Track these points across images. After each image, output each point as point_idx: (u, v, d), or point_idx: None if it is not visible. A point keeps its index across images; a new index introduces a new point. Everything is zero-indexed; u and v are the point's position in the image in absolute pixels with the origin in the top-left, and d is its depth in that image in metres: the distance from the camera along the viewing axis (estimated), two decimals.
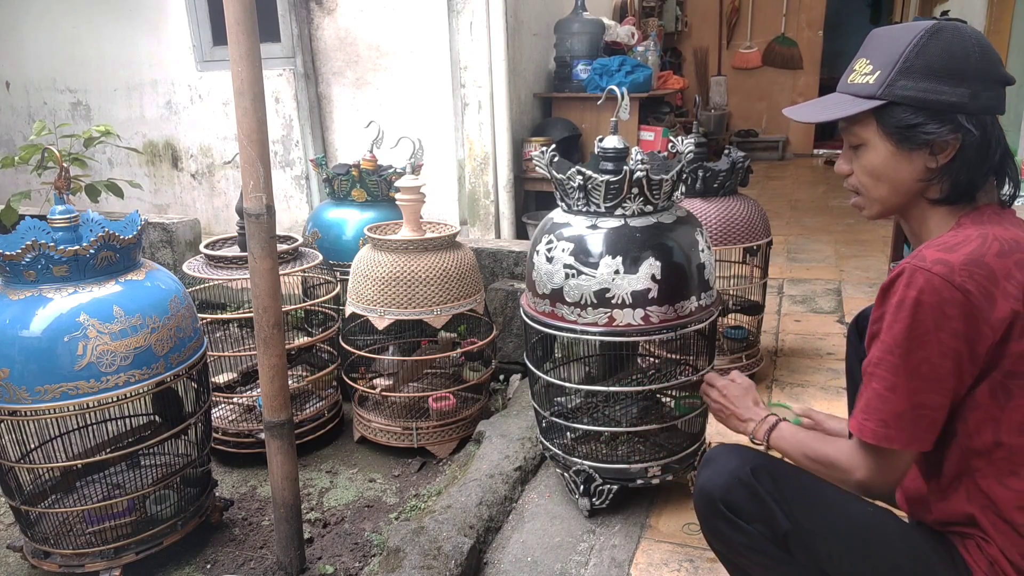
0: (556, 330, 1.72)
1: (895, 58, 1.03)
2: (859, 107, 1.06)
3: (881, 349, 1.03)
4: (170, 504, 1.80)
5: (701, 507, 1.17)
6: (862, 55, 1.10)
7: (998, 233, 1.03)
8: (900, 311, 1.00)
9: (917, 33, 1.02)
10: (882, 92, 1.04)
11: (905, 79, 1.02)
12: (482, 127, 3.62)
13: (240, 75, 1.44)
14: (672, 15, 7.32)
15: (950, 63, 1.01)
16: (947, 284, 0.97)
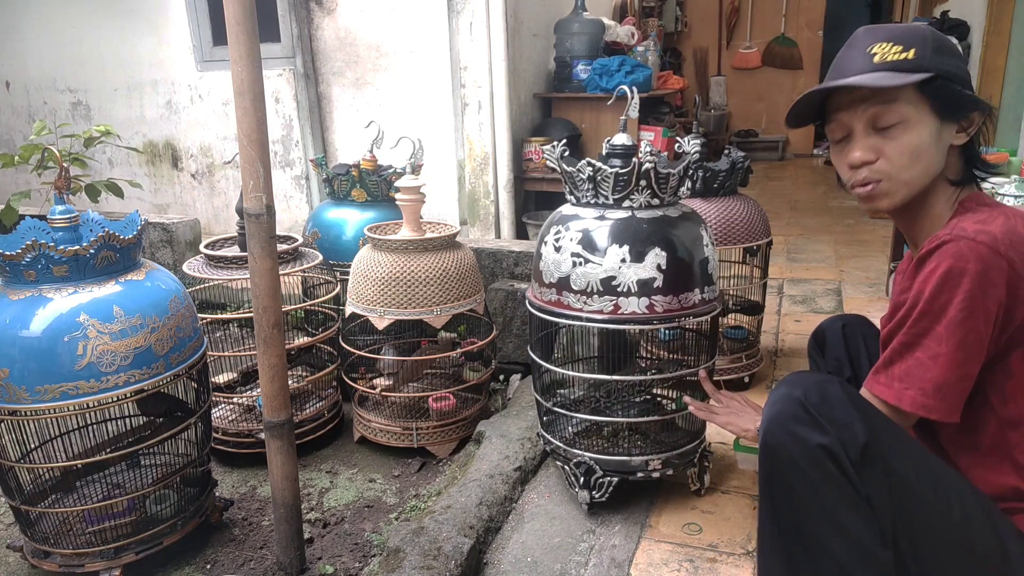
0: (562, 318, 1.75)
1: (925, 37, 1.08)
2: (915, 76, 1.06)
3: (925, 319, 1.03)
4: (170, 504, 1.80)
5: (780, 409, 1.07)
6: (876, 40, 1.10)
7: (1012, 212, 1.07)
8: (948, 281, 1.01)
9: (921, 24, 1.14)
10: (930, 64, 1.06)
11: (941, 55, 1.07)
12: (482, 127, 3.62)
13: (240, 75, 1.44)
14: (672, 15, 7.33)
15: (955, 48, 1.10)
16: (993, 252, 1.00)
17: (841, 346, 1.52)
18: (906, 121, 1.09)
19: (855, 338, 1.51)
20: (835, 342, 1.53)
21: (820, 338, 1.56)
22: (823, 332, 1.56)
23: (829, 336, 1.54)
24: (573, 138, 3.90)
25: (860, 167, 1.13)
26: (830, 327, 1.55)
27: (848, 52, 1.13)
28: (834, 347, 1.53)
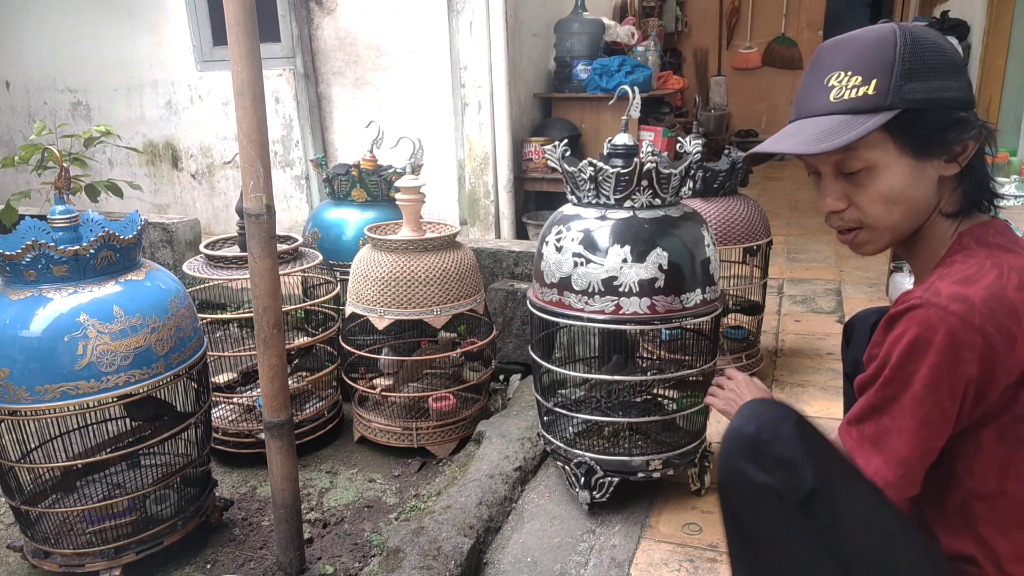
0: (563, 318, 1.75)
1: (889, 60, 0.91)
2: (873, 122, 0.91)
3: (892, 385, 0.93)
4: (170, 504, 1.80)
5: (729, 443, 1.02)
6: (833, 68, 0.95)
7: (1013, 262, 0.93)
8: (914, 351, 0.90)
9: (892, 33, 0.92)
10: (892, 100, 0.91)
11: (912, 81, 0.91)
12: (482, 127, 3.61)
13: (240, 75, 1.44)
14: (672, 15, 7.33)
15: (945, 56, 0.92)
16: (966, 325, 0.87)
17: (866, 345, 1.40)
18: (873, 167, 0.95)
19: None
20: (861, 340, 1.37)
21: (849, 331, 1.41)
22: (852, 326, 1.41)
23: (857, 331, 1.39)
24: (573, 138, 3.90)
25: (833, 214, 1.02)
26: (860, 322, 1.39)
27: (810, 79, 0.99)
28: (858, 345, 1.38)
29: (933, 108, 0.92)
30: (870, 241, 1.02)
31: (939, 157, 0.94)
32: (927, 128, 0.92)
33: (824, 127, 0.94)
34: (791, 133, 0.98)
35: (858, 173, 0.96)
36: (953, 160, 0.95)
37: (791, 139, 0.96)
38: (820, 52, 0.99)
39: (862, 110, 0.93)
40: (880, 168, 0.95)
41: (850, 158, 0.95)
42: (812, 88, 0.97)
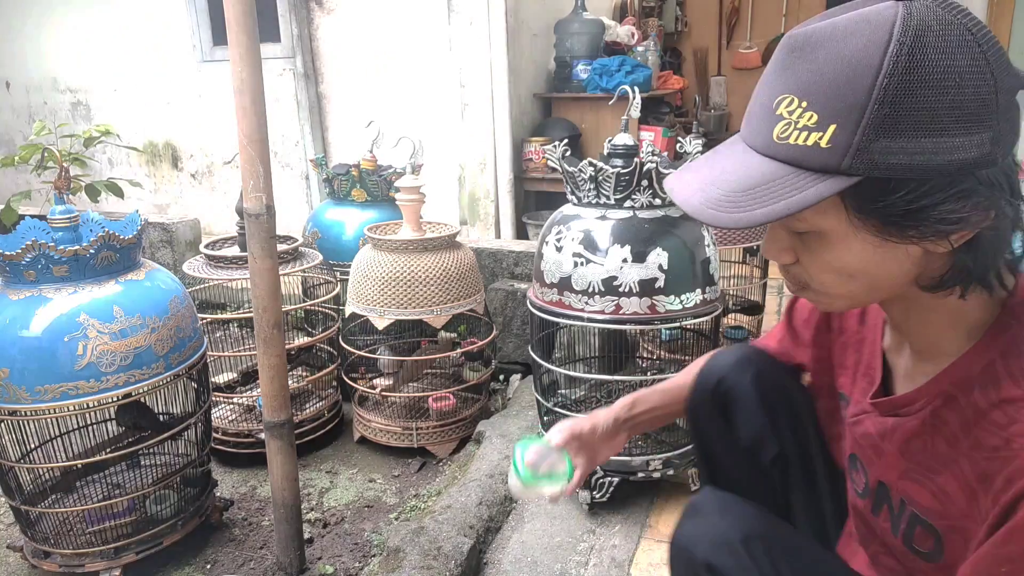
0: (563, 318, 1.75)
1: (860, 99, 0.60)
2: (815, 192, 0.63)
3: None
4: (170, 504, 1.80)
5: (679, 565, 0.90)
6: (788, 88, 0.66)
7: None
8: None
9: (885, 45, 0.59)
10: (851, 163, 0.62)
11: (887, 137, 0.60)
12: (482, 127, 3.61)
13: (240, 75, 1.44)
14: (672, 15, 7.32)
15: (959, 94, 0.59)
16: None
17: (757, 408, 1.06)
18: (823, 234, 0.69)
19: (774, 393, 1.07)
20: (748, 403, 1.07)
21: (723, 396, 1.08)
22: (727, 389, 1.07)
23: (738, 394, 1.07)
24: (573, 138, 3.89)
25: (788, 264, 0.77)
26: (736, 380, 1.07)
27: (763, 88, 0.69)
28: (748, 410, 1.07)
29: (919, 178, 0.62)
30: (823, 303, 0.78)
31: (918, 240, 0.66)
32: (900, 206, 0.63)
33: (753, 179, 0.66)
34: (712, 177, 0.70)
35: (806, 235, 0.71)
36: (944, 239, 0.66)
37: (706, 190, 0.69)
38: (785, 48, 0.67)
39: (808, 166, 0.64)
40: (831, 239, 0.69)
41: (793, 219, 0.68)
42: (760, 106, 0.69)
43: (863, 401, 0.90)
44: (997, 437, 0.69)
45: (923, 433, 0.79)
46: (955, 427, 0.75)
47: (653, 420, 1.20)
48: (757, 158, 0.67)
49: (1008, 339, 0.71)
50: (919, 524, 0.81)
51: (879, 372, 0.88)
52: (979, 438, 0.72)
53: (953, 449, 0.75)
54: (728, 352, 1.12)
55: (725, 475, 1.15)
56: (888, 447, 0.84)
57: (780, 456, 1.07)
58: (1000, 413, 0.69)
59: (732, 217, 0.66)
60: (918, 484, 0.80)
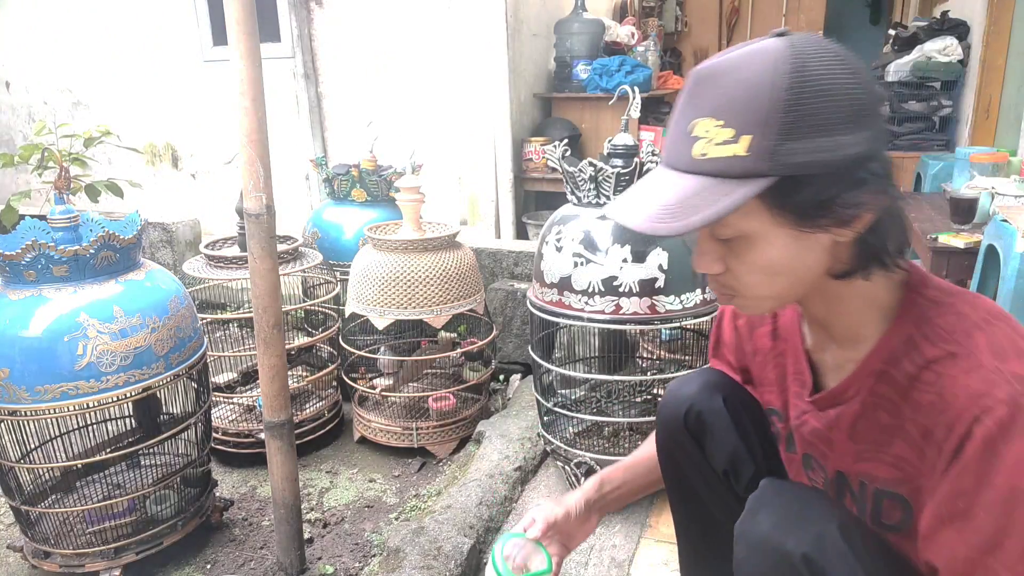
0: (563, 318, 1.75)
1: (765, 112, 0.71)
2: (740, 194, 0.72)
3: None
4: (170, 504, 1.80)
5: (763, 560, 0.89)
6: (700, 112, 0.75)
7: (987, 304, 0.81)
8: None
9: (774, 67, 0.71)
10: (768, 166, 0.72)
11: (792, 140, 0.71)
12: (482, 127, 3.61)
13: (240, 75, 1.44)
14: (672, 15, 7.32)
15: (841, 101, 0.72)
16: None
17: (731, 430, 1.09)
18: (747, 236, 0.77)
19: (743, 414, 1.10)
20: (721, 427, 1.10)
21: (695, 423, 1.12)
22: (698, 415, 1.11)
23: (710, 418, 1.10)
24: (573, 138, 3.90)
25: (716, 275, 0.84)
26: (706, 407, 1.11)
27: (678, 118, 0.79)
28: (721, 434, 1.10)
29: (824, 172, 0.73)
30: (750, 307, 0.87)
31: (829, 227, 0.76)
32: (810, 197, 0.74)
33: (683, 193, 0.75)
34: (648, 197, 0.79)
35: (733, 240, 0.79)
36: (847, 227, 0.76)
37: (645, 208, 0.78)
38: (692, 81, 0.78)
39: (729, 175, 0.73)
40: (755, 239, 0.77)
41: (720, 225, 0.77)
42: (678, 131, 0.78)
43: (802, 403, 0.96)
44: (930, 394, 0.78)
45: (865, 413, 0.86)
46: (893, 398, 0.83)
47: (622, 497, 1.23)
48: (684, 176, 0.77)
49: (918, 312, 0.82)
50: (885, 497, 0.87)
51: (809, 374, 0.95)
52: (916, 400, 0.80)
53: (896, 418, 0.83)
54: (688, 380, 1.16)
55: (700, 504, 1.16)
56: (837, 436, 0.91)
57: (756, 476, 1.07)
58: (929, 373, 0.79)
59: (671, 226, 0.74)
60: (874, 461, 0.87)
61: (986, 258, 2.20)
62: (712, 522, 1.16)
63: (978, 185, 2.52)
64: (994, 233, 2.09)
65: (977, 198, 2.42)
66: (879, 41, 6.93)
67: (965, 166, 2.83)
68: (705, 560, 1.23)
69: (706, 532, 1.19)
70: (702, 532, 1.20)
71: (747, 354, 1.10)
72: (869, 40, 8.17)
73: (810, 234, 0.77)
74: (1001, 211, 2.16)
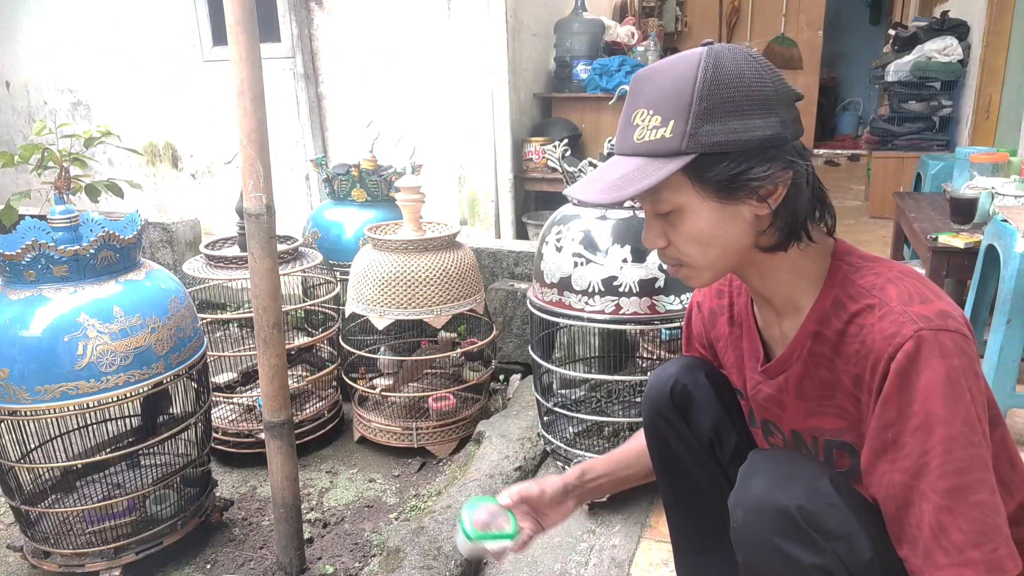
0: (563, 318, 1.75)
1: (686, 101, 0.85)
2: (666, 169, 0.85)
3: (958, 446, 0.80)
4: (170, 504, 1.80)
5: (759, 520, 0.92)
6: (638, 105, 0.89)
7: (904, 268, 0.92)
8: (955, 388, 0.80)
9: (696, 66, 0.86)
10: (688, 145, 0.85)
11: (709, 123, 0.84)
12: (482, 127, 3.61)
13: (240, 75, 1.44)
14: (672, 15, 7.32)
15: (750, 91, 0.85)
16: (967, 339, 0.83)
17: (714, 401, 1.16)
18: (679, 209, 0.90)
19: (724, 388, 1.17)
20: (705, 397, 1.16)
21: (680, 395, 1.17)
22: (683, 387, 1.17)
23: (694, 390, 1.16)
24: (573, 138, 3.90)
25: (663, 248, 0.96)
26: (690, 380, 1.17)
27: (624, 112, 0.93)
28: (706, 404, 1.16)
29: (735, 150, 0.85)
30: (692, 276, 0.97)
31: (747, 199, 0.88)
32: (725, 172, 0.86)
33: (625, 171, 0.89)
34: (599, 177, 0.92)
35: (670, 214, 0.91)
36: (763, 201, 0.88)
37: (595, 185, 0.91)
38: (633, 82, 0.92)
39: (660, 154, 0.87)
40: (686, 211, 0.90)
41: (657, 201, 0.91)
42: (623, 123, 0.92)
43: (756, 375, 1.06)
44: (855, 343, 0.89)
45: (807, 372, 0.97)
46: (828, 354, 0.93)
47: (603, 487, 1.27)
48: (627, 159, 0.91)
49: (842, 276, 0.93)
50: (834, 447, 0.97)
51: (761, 349, 1.06)
52: (845, 352, 0.91)
53: (832, 372, 0.93)
54: (671, 363, 1.23)
55: (688, 479, 1.20)
56: (787, 398, 1.01)
57: (739, 445, 1.16)
58: (853, 326, 0.89)
59: (612, 196, 0.88)
60: (820, 415, 0.97)
61: (986, 258, 2.20)
62: (700, 496, 1.20)
63: (978, 185, 2.52)
64: (994, 233, 2.10)
65: (977, 198, 2.42)
66: (879, 41, 6.93)
67: (965, 166, 2.83)
68: (695, 537, 1.25)
69: (695, 508, 1.22)
70: (691, 509, 1.23)
71: (712, 341, 1.19)
72: (869, 40, 8.18)
73: (731, 206, 0.89)
74: (1001, 211, 2.16)
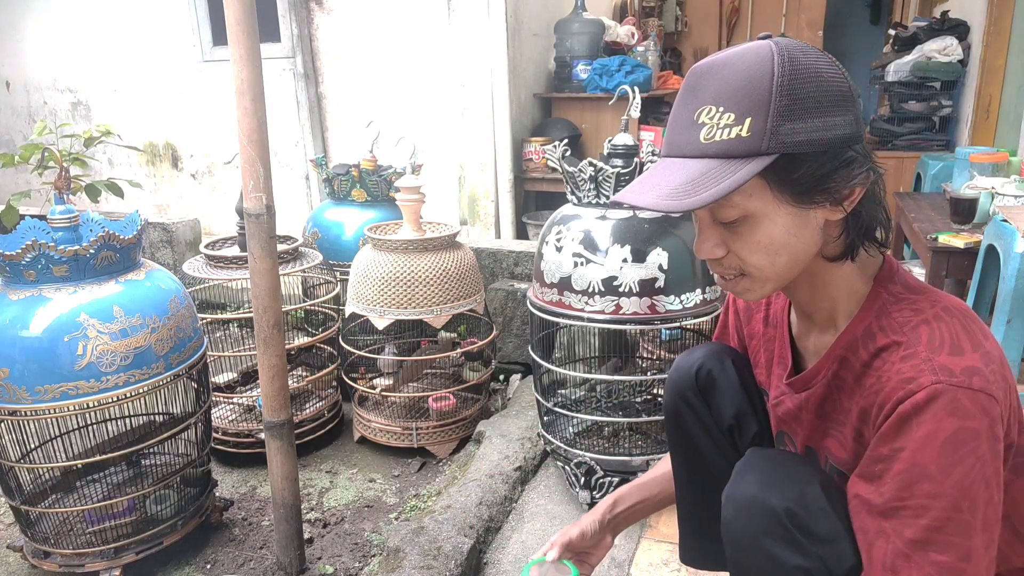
0: (563, 318, 1.75)
1: (764, 97, 0.78)
2: (746, 171, 0.78)
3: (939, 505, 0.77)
4: (170, 504, 1.80)
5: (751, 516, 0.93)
6: (703, 102, 0.82)
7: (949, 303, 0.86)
8: (957, 449, 0.77)
9: (769, 60, 0.79)
10: (769, 144, 0.78)
11: (790, 121, 0.78)
12: (482, 127, 3.61)
13: (240, 75, 1.44)
14: (672, 15, 7.31)
15: (829, 87, 0.80)
16: (992, 400, 0.78)
17: (738, 388, 1.16)
18: (751, 216, 0.83)
19: (748, 378, 1.17)
20: (729, 384, 1.16)
21: (705, 380, 1.17)
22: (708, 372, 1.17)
23: (719, 375, 1.16)
24: (573, 138, 3.90)
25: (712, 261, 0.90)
26: (715, 365, 1.17)
27: (681, 110, 0.85)
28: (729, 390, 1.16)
29: (814, 151, 0.80)
30: (752, 289, 0.90)
31: (823, 203, 0.83)
32: (808, 174, 0.80)
33: (692, 174, 0.80)
34: (656, 181, 0.84)
35: (736, 222, 0.84)
36: (839, 205, 0.84)
37: (655, 190, 0.83)
38: (692, 77, 0.84)
39: (735, 154, 0.79)
40: (758, 217, 0.83)
41: (724, 207, 0.83)
42: (682, 122, 0.84)
43: (781, 385, 1.03)
44: (873, 377, 0.86)
45: (829, 394, 0.94)
46: (850, 382, 0.90)
47: (635, 514, 1.29)
48: (691, 161, 0.82)
49: (880, 305, 0.88)
50: (836, 474, 0.95)
51: (790, 358, 1.03)
52: (864, 384, 0.87)
53: (850, 400, 0.90)
54: (698, 347, 1.23)
55: (703, 463, 1.20)
56: (806, 416, 0.98)
57: (758, 435, 1.15)
58: (877, 360, 0.86)
59: (684, 203, 0.79)
60: (832, 439, 0.95)
61: (986, 258, 2.20)
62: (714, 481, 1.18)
63: (978, 185, 2.52)
64: (994, 233, 2.09)
65: (977, 198, 2.42)
66: (879, 41, 6.92)
67: (965, 166, 2.83)
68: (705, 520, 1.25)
69: (707, 492, 1.21)
70: (703, 492, 1.23)
71: (745, 337, 1.18)
72: (869, 40, 8.17)
73: (807, 211, 0.83)
74: (1001, 211, 2.16)
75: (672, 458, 1.26)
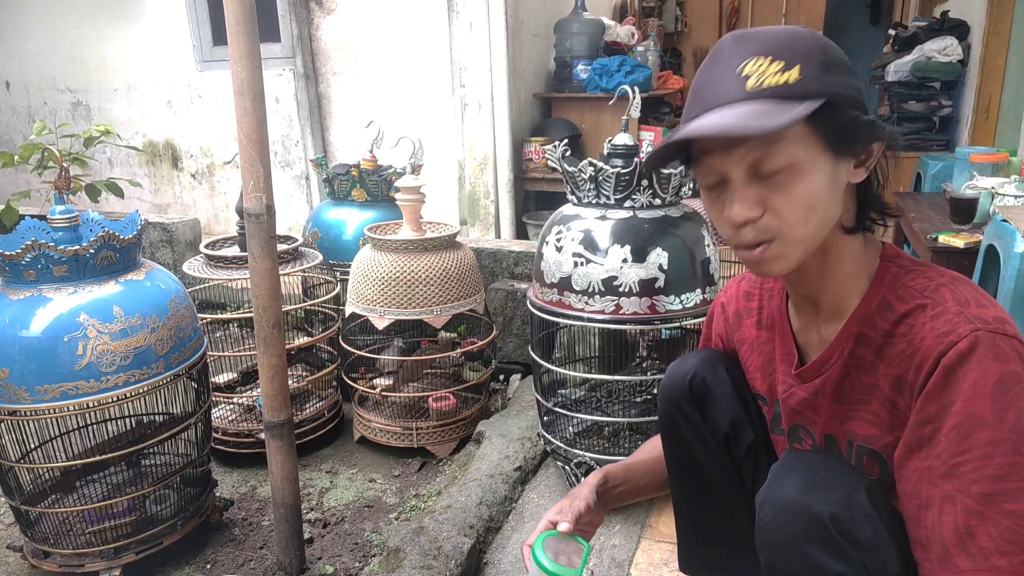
0: (563, 318, 1.75)
1: (813, 48, 0.82)
2: (807, 107, 0.79)
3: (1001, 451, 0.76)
4: (170, 504, 1.80)
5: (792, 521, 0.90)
6: (749, 54, 0.83)
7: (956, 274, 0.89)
8: (1006, 392, 0.77)
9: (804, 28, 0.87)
10: (819, 88, 0.81)
11: (829, 74, 0.82)
12: (482, 127, 3.62)
13: (240, 75, 1.44)
14: (672, 15, 7.32)
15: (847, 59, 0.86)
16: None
17: (733, 397, 1.14)
18: (795, 164, 0.82)
19: (743, 385, 1.15)
20: (724, 393, 1.15)
21: (699, 388, 1.16)
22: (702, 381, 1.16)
23: (713, 384, 1.15)
24: (573, 138, 3.90)
25: (743, 225, 0.86)
26: (709, 374, 1.15)
27: (713, 69, 0.86)
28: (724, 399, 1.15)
29: (850, 104, 0.83)
30: (781, 256, 0.87)
31: (852, 158, 0.86)
32: (845, 124, 0.83)
33: (748, 112, 0.80)
34: (711, 121, 0.82)
35: (778, 175, 0.83)
36: (862, 165, 0.87)
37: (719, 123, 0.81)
38: (723, 43, 0.86)
39: (787, 97, 0.80)
40: (803, 166, 0.83)
41: (772, 154, 0.82)
42: (721, 78, 0.84)
43: (789, 379, 1.03)
44: (902, 343, 0.86)
45: (847, 375, 0.93)
46: (871, 357, 0.90)
47: (622, 495, 1.25)
48: (739, 104, 0.82)
49: (891, 277, 0.90)
50: (865, 454, 0.94)
51: (795, 353, 1.02)
52: (889, 354, 0.87)
53: (873, 376, 0.90)
54: (691, 355, 1.21)
55: (699, 472, 1.19)
56: (823, 402, 0.97)
57: (754, 444, 1.14)
58: (902, 326, 0.86)
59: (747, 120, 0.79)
60: (856, 419, 0.93)
61: (986, 258, 2.20)
62: (711, 489, 1.18)
63: (978, 185, 2.52)
64: (994, 233, 2.09)
65: (977, 198, 2.42)
66: (879, 41, 6.92)
67: (965, 166, 2.83)
68: (703, 528, 1.24)
69: (704, 500, 1.21)
70: (700, 501, 1.22)
71: (735, 344, 1.17)
72: (869, 40, 8.17)
73: (839, 166, 0.85)
74: (1001, 211, 2.16)
75: (668, 468, 1.24)
